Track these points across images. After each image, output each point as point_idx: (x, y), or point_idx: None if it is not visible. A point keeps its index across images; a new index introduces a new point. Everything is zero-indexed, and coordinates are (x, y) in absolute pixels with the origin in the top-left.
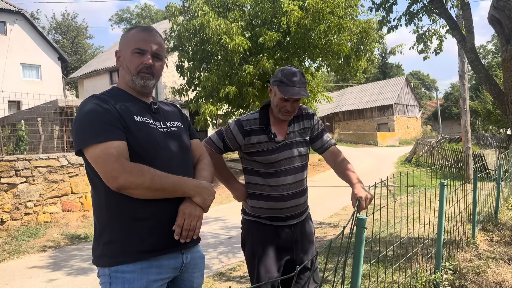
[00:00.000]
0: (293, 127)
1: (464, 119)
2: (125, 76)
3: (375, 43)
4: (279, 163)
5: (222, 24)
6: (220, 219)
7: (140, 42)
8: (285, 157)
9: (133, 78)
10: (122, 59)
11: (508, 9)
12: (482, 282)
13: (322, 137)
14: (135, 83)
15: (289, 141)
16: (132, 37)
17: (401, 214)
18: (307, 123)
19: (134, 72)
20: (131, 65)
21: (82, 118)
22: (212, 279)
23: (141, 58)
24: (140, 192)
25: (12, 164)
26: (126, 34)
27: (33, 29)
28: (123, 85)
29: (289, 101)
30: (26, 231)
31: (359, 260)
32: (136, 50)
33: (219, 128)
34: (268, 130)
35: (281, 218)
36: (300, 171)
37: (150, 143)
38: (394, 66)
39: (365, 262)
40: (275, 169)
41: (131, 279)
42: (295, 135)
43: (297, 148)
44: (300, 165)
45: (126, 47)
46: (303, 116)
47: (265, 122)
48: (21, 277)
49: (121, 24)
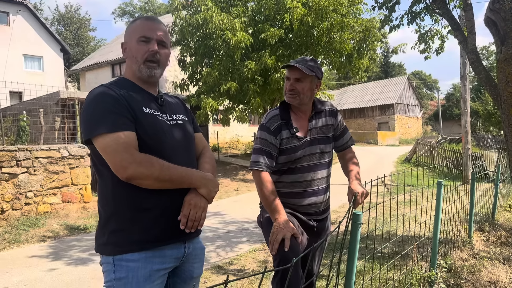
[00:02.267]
0: (315, 123)
1: (464, 120)
2: (132, 66)
3: (378, 42)
4: (300, 160)
5: (225, 19)
6: (219, 213)
7: (145, 30)
8: (306, 154)
9: (139, 67)
10: (128, 50)
11: (503, 11)
12: (477, 281)
13: (344, 135)
14: (141, 72)
15: (311, 138)
16: (137, 27)
17: (397, 212)
18: (331, 120)
19: (140, 60)
20: (137, 54)
21: (92, 108)
22: (210, 272)
23: (147, 46)
24: (149, 183)
25: (13, 154)
26: (131, 25)
27: (36, 20)
28: (130, 76)
29: (290, 80)
30: (26, 221)
31: (354, 255)
32: (142, 38)
33: (254, 148)
34: (290, 125)
35: (301, 213)
36: (321, 169)
37: (158, 135)
38: (396, 66)
39: (361, 259)
40: (295, 166)
41: (135, 268)
42: (317, 131)
43: (319, 145)
44: (322, 163)
45: (132, 36)
46: (326, 112)
47: (286, 117)
48: (20, 265)
49: (124, 17)
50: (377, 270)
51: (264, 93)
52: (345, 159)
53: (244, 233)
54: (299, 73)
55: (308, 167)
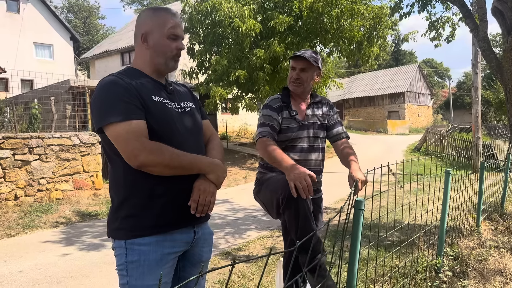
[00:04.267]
0: (312, 110)
1: (475, 109)
2: (156, 58)
3: (388, 29)
4: (296, 140)
5: (234, 6)
6: (227, 201)
7: (175, 28)
8: (302, 136)
9: (166, 61)
10: (152, 42)
11: (510, 1)
12: (483, 270)
13: (338, 126)
14: (168, 65)
15: (307, 122)
16: (164, 22)
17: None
18: (326, 111)
19: (170, 55)
20: (167, 49)
21: (102, 97)
22: (219, 258)
23: (176, 43)
24: (160, 170)
25: (25, 142)
26: (153, 16)
27: (46, 8)
28: (140, 65)
29: (295, 69)
30: (39, 207)
31: (357, 242)
32: (172, 36)
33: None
34: (290, 107)
35: None
36: (314, 152)
37: (167, 123)
38: (407, 53)
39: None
40: (291, 145)
41: (146, 251)
42: (313, 117)
43: (313, 129)
44: (316, 146)
45: (159, 31)
46: (322, 103)
47: (286, 100)
48: (34, 250)
49: (133, 4)
50: (382, 257)
51: (273, 81)
52: (343, 151)
53: (252, 220)
54: (304, 63)
55: (302, 147)
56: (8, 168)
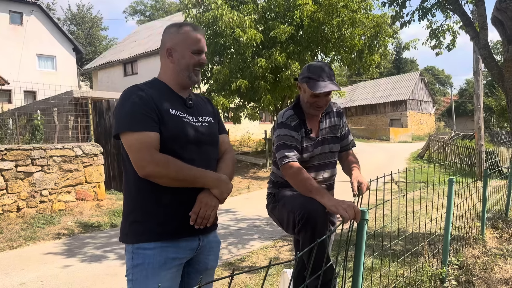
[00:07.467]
0: (324, 123)
1: (477, 116)
2: (180, 72)
3: (389, 37)
4: (313, 159)
5: (235, 17)
6: (230, 211)
7: (199, 43)
8: (318, 154)
9: (190, 75)
10: (178, 57)
11: (510, 10)
12: (489, 278)
13: (347, 137)
14: (191, 79)
15: (322, 138)
16: (189, 38)
17: (407, 209)
18: (337, 121)
19: (192, 68)
20: (190, 63)
21: (121, 106)
22: (221, 268)
23: (199, 57)
24: (165, 181)
25: (28, 153)
26: (179, 31)
27: (49, 20)
28: (166, 79)
29: (319, 96)
30: (41, 218)
31: (361, 252)
32: (197, 51)
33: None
34: (305, 125)
35: None
36: (330, 168)
37: (180, 136)
38: (409, 61)
39: (371, 256)
40: (308, 165)
41: (151, 255)
42: (327, 131)
43: (328, 144)
44: (331, 162)
45: (184, 46)
46: (334, 113)
47: (301, 118)
48: (36, 262)
49: (135, 15)
50: (387, 267)
51: (275, 90)
52: (347, 160)
53: (255, 230)
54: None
55: (319, 165)
56: (11, 179)
